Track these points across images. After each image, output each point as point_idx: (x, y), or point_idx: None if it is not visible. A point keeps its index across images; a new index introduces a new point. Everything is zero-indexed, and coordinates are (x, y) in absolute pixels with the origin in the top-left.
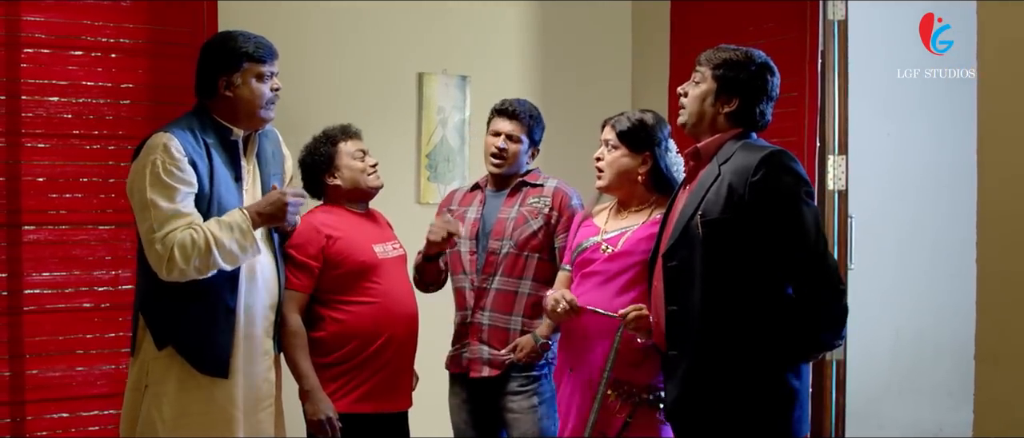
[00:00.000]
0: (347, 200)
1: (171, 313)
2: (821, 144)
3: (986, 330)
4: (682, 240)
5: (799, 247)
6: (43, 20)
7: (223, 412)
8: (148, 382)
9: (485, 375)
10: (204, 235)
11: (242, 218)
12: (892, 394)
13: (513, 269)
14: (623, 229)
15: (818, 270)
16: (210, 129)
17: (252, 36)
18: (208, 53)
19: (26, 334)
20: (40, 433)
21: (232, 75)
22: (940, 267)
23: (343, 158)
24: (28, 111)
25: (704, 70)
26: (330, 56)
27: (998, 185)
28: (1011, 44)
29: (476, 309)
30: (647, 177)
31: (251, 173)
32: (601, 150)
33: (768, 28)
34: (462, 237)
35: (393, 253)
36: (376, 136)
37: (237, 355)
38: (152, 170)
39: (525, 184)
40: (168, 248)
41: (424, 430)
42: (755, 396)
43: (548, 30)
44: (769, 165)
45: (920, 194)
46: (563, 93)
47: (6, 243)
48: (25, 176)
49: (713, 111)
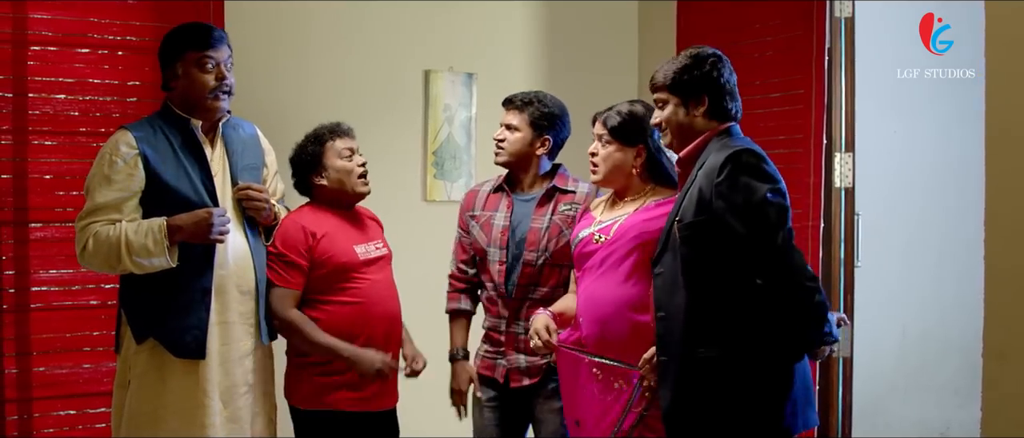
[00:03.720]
0: (332, 201)
1: (148, 304)
2: (828, 142)
3: (993, 328)
4: (665, 247)
5: (762, 246)
6: (50, 18)
7: (199, 398)
8: (130, 377)
9: (525, 384)
10: (118, 234)
11: (159, 227)
12: (899, 392)
13: (549, 279)
14: (615, 218)
15: (781, 267)
16: (171, 121)
17: (196, 25)
18: (161, 46)
19: (33, 331)
20: (47, 430)
21: (176, 65)
22: (947, 265)
23: (330, 158)
24: (35, 109)
25: (661, 92)
26: (336, 53)
27: (1005, 183)
28: (1019, 43)
29: (511, 320)
30: (642, 168)
31: (219, 162)
32: (594, 145)
33: (774, 26)
34: (491, 245)
35: (375, 253)
36: (382, 133)
37: (212, 338)
38: (100, 161)
39: (557, 189)
40: (85, 237)
41: (417, 428)
42: (741, 394)
43: (555, 28)
44: (732, 164)
45: (927, 192)
46: (570, 91)
47: (13, 240)
48: (32, 174)
49: (688, 119)
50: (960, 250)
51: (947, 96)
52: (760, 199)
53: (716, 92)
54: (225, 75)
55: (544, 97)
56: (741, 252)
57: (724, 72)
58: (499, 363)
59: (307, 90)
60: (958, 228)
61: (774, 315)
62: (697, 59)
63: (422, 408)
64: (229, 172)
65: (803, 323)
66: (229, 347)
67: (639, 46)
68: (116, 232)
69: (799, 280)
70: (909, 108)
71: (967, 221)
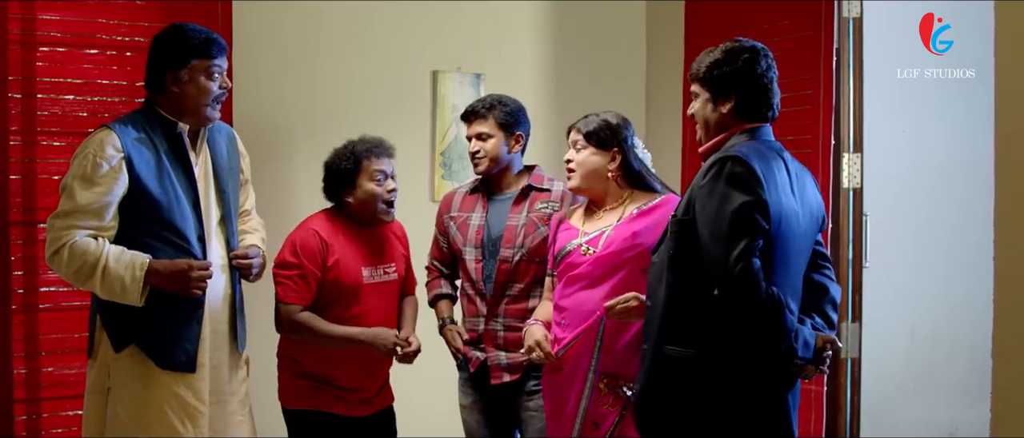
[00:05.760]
0: (354, 217)
1: (131, 313)
2: (836, 142)
3: (1003, 328)
4: (662, 239)
5: (717, 257)
6: (58, 19)
7: (189, 407)
8: (110, 384)
9: (506, 381)
10: (97, 257)
11: (140, 265)
12: (907, 393)
13: (525, 275)
14: (601, 229)
15: (731, 281)
16: (156, 123)
17: (202, 31)
18: (157, 48)
19: (42, 331)
20: (56, 430)
21: (179, 71)
22: (956, 265)
23: (362, 178)
24: (44, 109)
25: (694, 84)
26: (344, 54)
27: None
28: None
29: (490, 317)
30: (618, 173)
31: (202, 167)
32: (569, 152)
33: (783, 26)
34: (466, 245)
35: (381, 278)
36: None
37: (203, 349)
38: (83, 161)
39: (532, 188)
40: (63, 241)
41: (416, 428)
42: (702, 394)
43: (563, 29)
44: (716, 169)
45: (935, 192)
46: (577, 92)
47: (22, 241)
48: (41, 174)
49: (714, 115)
50: (969, 250)
51: (955, 96)
52: (729, 210)
53: (746, 90)
54: (227, 84)
55: (502, 97)
56: (705, 259)
57: (759, 69)
58: (475, 354)
59: (315, 91)
60: (967, 228)
61: (730, 325)
62: (731, 54)
63: (421, 408)
64: (213, 177)
65: (757, 338)
66: (219, 356)
67: (647, 46)
68: (97, 253)
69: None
70: (917, 108)
71: (976, 221)
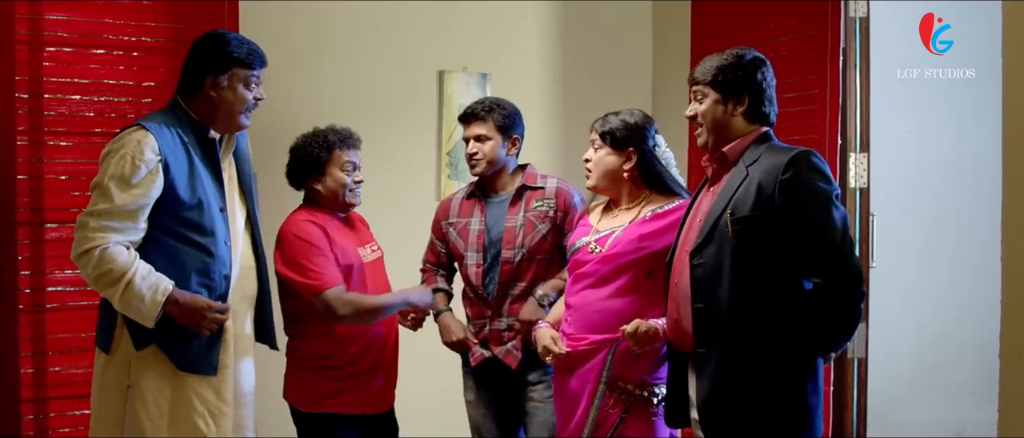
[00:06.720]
0: (325, 205)
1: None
2: (842, 142)
3: (1011, 328)
4: (709, 239)
5: (826, 245)
6: (65, 19)
7: (213, 407)
8: (131, 382)
9: (520, 360)
10: (125, 270)
11: (163, 290)
12: (914, 393)
13: (526, 274)
14: (612, 229)
15: (843, 270)
16: (187, 126)
17: (245, 41)
18: (199, 50)
19: (49, 331)
20: (63, 429)
21: (219, 76)
22: (962, 264)
23: (333, 167)
24: (50, 109)
25: (701, 85)
26: (350, 54)
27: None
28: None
29: (494, 317)
30: (634, 173)
31: (228, 171)
32: (589, 151)
33: (789, 26)
34: (468, 250)
35: (372, 256)
36: (396, 134)
37: (227, 351)
38: (120, 162)
39: (526, 188)
40: (96, 243)
41: (416, 428)
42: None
43: (569, 28)
44: (799, 164)
45: (942, 191)
46: (583, 91)
47: (29, 241)
48: (47, 174)
49: (726, 117)
50: (976, 250)
51: (962, 96)
52: (829, 202)
53: (756, 94)
54: (262, 96)
55: (500, 101)
56: (801, 250)
57: (767, 76)
58: (479, 351)
59: (321, 90)
60: (974, 228)
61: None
62: (742, 59)
63: (421, 408)
64: (237, 181)
65: (849, 325)
66: (241, 358)
67: (653, 46)
68: (125, 266)
69: (857, 284)
70: (924, 108)
71: (983, 221)
